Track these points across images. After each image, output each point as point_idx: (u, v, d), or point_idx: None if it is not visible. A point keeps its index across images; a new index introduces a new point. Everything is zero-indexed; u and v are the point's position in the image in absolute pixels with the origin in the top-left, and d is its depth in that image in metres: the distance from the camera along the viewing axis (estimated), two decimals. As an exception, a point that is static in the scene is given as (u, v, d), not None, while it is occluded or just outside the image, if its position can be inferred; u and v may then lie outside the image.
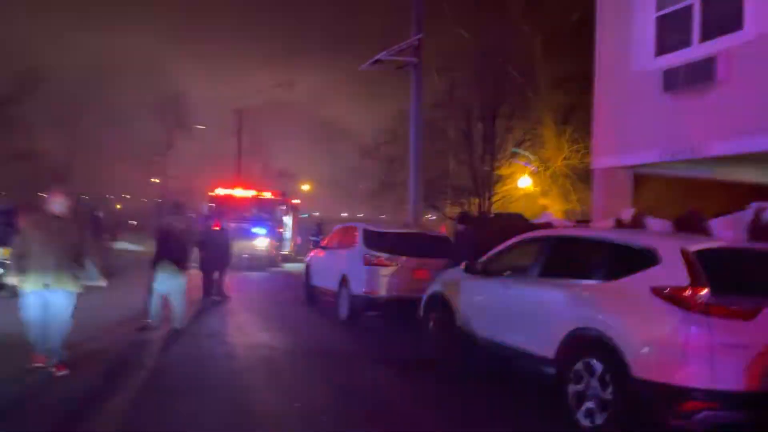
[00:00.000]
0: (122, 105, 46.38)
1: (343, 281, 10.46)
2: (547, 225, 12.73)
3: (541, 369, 5.73)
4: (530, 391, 6.32)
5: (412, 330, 9.11)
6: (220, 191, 23.95)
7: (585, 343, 5.25)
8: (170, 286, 8.72)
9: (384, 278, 9.74)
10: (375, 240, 10.27)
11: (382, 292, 9.72)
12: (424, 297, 8.01)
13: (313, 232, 18.45)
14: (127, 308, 9.93)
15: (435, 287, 7.81)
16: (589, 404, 5.05)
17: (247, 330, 9.22)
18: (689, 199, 13.55)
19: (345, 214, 65.37)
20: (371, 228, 10.66)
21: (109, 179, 52.71)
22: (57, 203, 6.18)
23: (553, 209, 29.11)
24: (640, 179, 12.77)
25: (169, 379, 6.25)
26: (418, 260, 9.91)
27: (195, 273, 13.64)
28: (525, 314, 6.01)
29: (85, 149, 46.54)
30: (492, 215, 16.12)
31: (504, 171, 27.84)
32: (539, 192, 30.65)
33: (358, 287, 9.97)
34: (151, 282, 8.85)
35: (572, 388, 5.25)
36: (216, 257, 12.73)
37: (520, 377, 6.55)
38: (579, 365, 5.19)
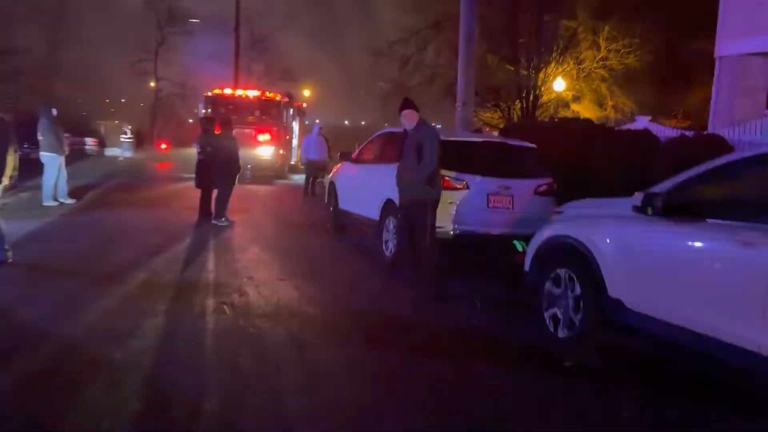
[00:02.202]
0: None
1: (388, 209, 7.62)
2: (646, 134, 9.77)
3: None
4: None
5: (496, 285, 6.39)
6: (219, 91, 20.72)
7: None
8: None
9: (450, 206, 6.89)
10: (434, 152, 7.31)
11: (448, 226, 6.90)
12: (536, 241, 5.18)
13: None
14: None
15: (561, 228, 4.94)
16: None
17: (258, 277, 6.46)
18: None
19: (347, 122, 61.81)
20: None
21: (99, 81, 48.90)
22: None
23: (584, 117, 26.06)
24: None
25: (126, 384, 3.52)
26: (499, 181, 7.04)
27: (190, 188, 10.85)
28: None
29: (69, 47, 42.54)
30: (555, 120, 13.09)
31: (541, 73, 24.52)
32: (570, 97, 27.45)
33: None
34: None
35: None
36: (217, 170, 9.93)
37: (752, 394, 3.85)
38: None
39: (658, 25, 24.96)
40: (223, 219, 9.91)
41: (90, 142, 31.84)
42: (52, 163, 11.12)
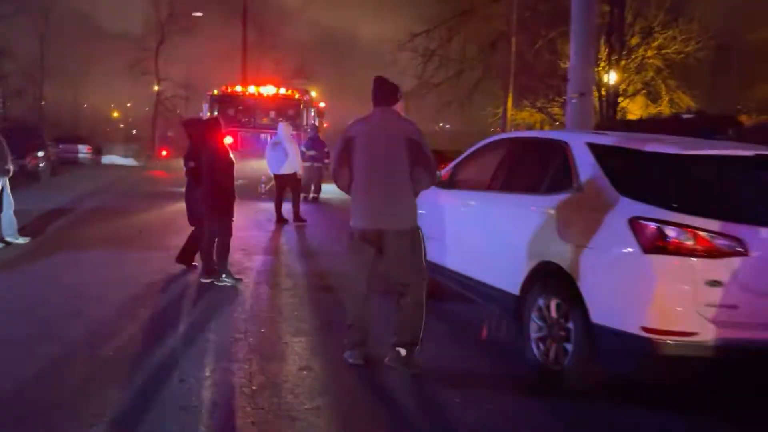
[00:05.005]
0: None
1: (542, 278, 4.06)
2: None
3: None
4: None
5: None
6: (226, 90, 17.31)
7: None
8: None
9: (708, 290, 3.32)
10: (645, 177, 3.73)
11: (703, 330, 3.31)
12: None
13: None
14: None
15: None
16: None
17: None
18: None
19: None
20: (621, 143, 4.07)
21: (98, 84, 45.78)
22: None
23: (634, 115, 23.06)
24: None
25: None
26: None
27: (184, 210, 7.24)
28: None
29: (61, 48, 39.19)
30: (687, 115, 9.61)
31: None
32: (619, 90, 24.32)
33: (613, 311, 3.52)
34: None
35: None
36: (203, 198, 6.47)
37: None
38: None
39: (716, 13, 22.34)
40: (224, 275, 6.32)
41: (84, 150, 28.87)
42: (-9, 188, 7.71)
